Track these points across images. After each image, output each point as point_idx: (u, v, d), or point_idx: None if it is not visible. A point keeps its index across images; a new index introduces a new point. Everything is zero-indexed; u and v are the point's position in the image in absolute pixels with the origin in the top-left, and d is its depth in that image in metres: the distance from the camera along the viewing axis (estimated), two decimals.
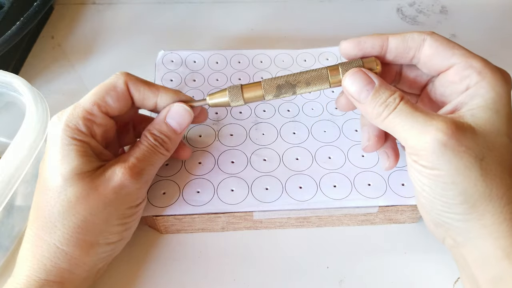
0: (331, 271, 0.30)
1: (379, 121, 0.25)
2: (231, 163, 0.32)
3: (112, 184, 0.25)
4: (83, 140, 0.25)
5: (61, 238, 0.25)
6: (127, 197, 0.26)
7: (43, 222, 0.25)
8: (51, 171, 0.25)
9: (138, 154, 0.27)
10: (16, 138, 0.28)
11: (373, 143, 0.29)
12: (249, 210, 0.30)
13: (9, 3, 0.40)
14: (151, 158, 0.27)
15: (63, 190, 0.24)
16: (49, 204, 0.25)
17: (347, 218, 0.31)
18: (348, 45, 0.27)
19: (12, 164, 0.27)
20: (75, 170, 0.25)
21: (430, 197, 0.24)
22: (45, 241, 0.25)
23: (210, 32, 0.49)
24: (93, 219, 0.25)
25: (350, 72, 0.26)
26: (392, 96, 0.24)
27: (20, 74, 0.43)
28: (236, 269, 0.30)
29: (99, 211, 0.25)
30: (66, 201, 0.24)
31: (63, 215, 0.24)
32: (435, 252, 0.31)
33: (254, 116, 0.35)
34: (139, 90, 0.27)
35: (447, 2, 0.53)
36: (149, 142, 0.27)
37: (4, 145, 0.34)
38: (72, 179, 0.24)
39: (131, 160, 0.26)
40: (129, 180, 0.25)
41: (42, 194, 0.25)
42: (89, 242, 0.25)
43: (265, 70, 0.39)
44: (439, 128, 0.22)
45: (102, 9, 0.52)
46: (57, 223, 0.24)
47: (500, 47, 0.47)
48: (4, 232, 0.30)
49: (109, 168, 0.26)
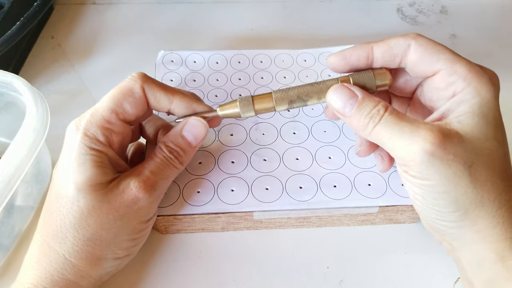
0: (331, 271, 0.30)
1: (366, 133, 0.25)
2: (231, 163, 0.32)
3: (125, 198, 0.25)
4: (100, 150, 0.25)
5: (71, 250, 0.24)
6: (139, 211, 0.26)
7: (53, 231, 0.25)
8: (65, 179, 0.25)
9: (153, 167, 0.26)
10: (16, 138, 0.28)
11: (366, 148, 0.29)
12: (249, 210, 0.30)
13: (9, 3, 0.40)
14: (165, 171, 0.27)
15: (76, 201, 0.24)
16: (61, 213, 0.24)
17: (347, 218, 0.31)
18: (334, 60, 0.27)
19: (12, 164, 0.27)
20: (90, 181, 0.24)
21: (423, 205, 0.24)
22: (54, 250, 0.24)
23: (210, 32, 0.49)
24: (103, 233, 0.25)
25: (333, 88, 0.26)
26: (376, 108, 0.24)
27: (20, 74, 0.43)
28: (236, 269, 0.30)
29: (110, 225, 0.25)
30: (79, 212, 0.24)
31: (74, 226, 0.24)
32: (435, 252, 0.31)
33: (254, 116, 0.35)
34: (155, 95, 0.27)
35: (447, 2, 0.53)
36: (164, 155, 0.27)
37: (4, 145, 0.34)
38: (86, 190, 0.24)
39: (145, 174, 0.26)
40: (142, 194, 0.25)
41: (55, 201, 0.25)
42: (97, 256, 0.25)
43: (265, 70, 0.39)
44: (426, 138, 0.22)
45: (102, 9, 0.52)
46: (68, 234, 0.24)
47: (500, 47, 0.47)
48: (4, 232, 0.30)
49: (123, 181, 0.25)
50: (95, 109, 0.26)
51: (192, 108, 0.28)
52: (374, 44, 0.26)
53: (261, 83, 0.38)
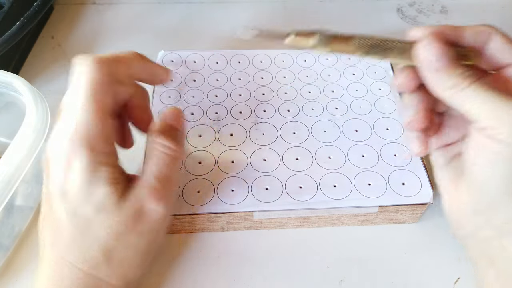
0: (331, 271, 0.30)
1: (450, 93, 0.23)
2: (231, 163, 0.32)
3: (138, 214, 0.24)
4: (110, 163, 0.24)
5: (105, 271, 0.24)
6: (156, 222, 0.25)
7: (82, 255, 0.24)
8: (81, 200, 0.23)
9: (156, 171, 0.25)
10: (16, 138, 0.28)
11: (422, 117, 0.26)
12: (249, 210, 0.30)
13: (9, 3, 0.40)
14: (170, 168, 0.26)
15: (99, 223, 0.24)
16: (85, 235, 0.24)
17: (347, 218, 0.31)
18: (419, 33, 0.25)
19: (12, 164, 0.27)
20: (107, 201, 0.24)
21: (494, 177, 0.23)
22: (88, 274, 0.24)
23: (210, 32, 0.49)
24: (128, 252, 0.25)
25: (430, 38, 0.24)
26: (471, 71, 0.23)
27: (20, 74, 0.43)
28: (236, 269, 0.30)
29: (133, 244, 0.25)
30: (105, 236, 0.24)
31: (102, 250, 0.24)
32: (435, 252, 0.31)
33: (254, 116, 0.35)
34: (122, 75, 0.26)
35: (447, 2, 0.53)
36: (161, 151, 0.26)
37: (4, 145, 0.34)
38: (104, 210, 0.24)
39: (152, 182, 0.25)
40: (155, 205, 0.25)
41: (71, 223, 0.24)
42: (126, 273, 0.25)
43: (265, 70, 0.39)
44: None
45: (102, 9, 0.52)
46: (99, 257, 0.24)
47: None
48: (4, 232, 0.30)
49: (133, 197, 0.24)
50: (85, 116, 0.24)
51: (152, 71, 0.28)
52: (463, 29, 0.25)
53: (261, 83, 0.38)
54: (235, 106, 0.36)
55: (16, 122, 0.30)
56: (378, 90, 0.37)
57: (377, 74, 0.39)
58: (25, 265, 0.30)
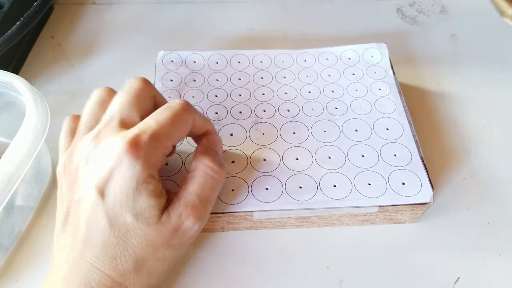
0: (331, 271, 0.30)
1: None
2: (232, 163, 0.32)
3: (176, 229, 0.25)
4: (157, 178, 0.25)
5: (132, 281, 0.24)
6: (190, 239, 0.26)
7: (113, 263, 0.24)
8: (121, 208, 0.23)
9: (198, 190, 0.26)
10: (16, 138, 0.28)
11: None
12: (249, 210, 0.30)
13: (9, 3, 0.40)
14: (210, 190, 0.26)
15: (135, 234, 0.24)
16: (119, 245, 0.24)
17: (347, 218, 0.31)
18: None
19: (12, 164, 0.27)
20: (149, 212, 0.24)
21: None
22: (117, 283, 0.24)
23: (210, 32, 0.49)
24: (158, 265, 0.25)
25: None
26: None
27: (20, 74, 0.43)
28: (236, 269, 0.30)
29: (164, 257, 0.25)
30: (138, 247, 0.24)
31: (134, 259, 0.24)
32: (435, 252, 0.31)
33: (254, 116, 0.35)
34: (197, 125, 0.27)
35: (447, 2, 0.53)
36: (206, 172, 0.26)
37: (4, 145, 0.34)
38: (144, 221, 0.24)
39: (192, 200, 0.25)
40: (192, 223, 0.25)
41: (108, 230, 0.24)
42: (153, 284, 0.26)
43: (265, 70, 0.39)
44: None
45: (102, 9, 0.52)
46: (128, 266, 0.24)
47: (500, 48, 0.47)
48: (4, 232, 0.30)
49: (172, 212, 0.25)
50: (156, 134, 0.24)
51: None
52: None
53: (261, 83, 0.38)
54: (235, 106, 0.36)
55: (16, 122, 0.30)
56: (378, 90, 0.37)
57: (377, 74, 0.39)
58: (25, 265, 0.30)
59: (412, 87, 0.42)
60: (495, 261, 0.31)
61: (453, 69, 0.44)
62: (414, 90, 0.42)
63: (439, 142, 0.38)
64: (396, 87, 0.38)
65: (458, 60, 0.45)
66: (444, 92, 0.42)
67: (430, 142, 0.37)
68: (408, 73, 0.44)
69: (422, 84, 0.43)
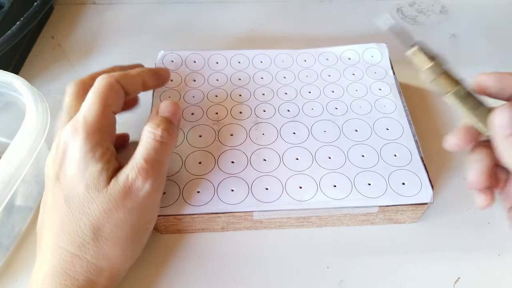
0: (331, 271, 0.30)
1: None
2: (231, 163, 0.32)
3: (127, 191, 0.26)
4: (105, 145, 0.26)
5: (92, 252, 0.25)
6: (144, 201, 0.26)
7: (71, 237, 0.25)
8: (74, 181, 0.25)
9: (144, 152, 0.27)
10: (16, 138, 0.28)
11: (486, 177, 0.27)
12: (249, 210, 0.30)
13: (9, 3, 0.40)
14: (157, 152, 0.27)
15: (87, 203, 0.25)
16: (75, 217, 0.25)
17: (347, 218, 0.31)
18: (487, 78, 0.27)
19: (12, 164, 0.27)
20: (97, 177, 0.25)
21: None
22: (75, 255, 0.25)
23: (210, 32, 0.49)
24: (117, 231, 0.26)
25: (506, 106, 0.25)
26: None
27: (20, 74, 0.43)
28: (236, 269, 0.30)
29: (122, 222, 0.26)
30: (92, 215, 0.25)
31: (90, 229, 0.25)
32: (435, 252, 0.31)
33: (254, 116, 0.35)
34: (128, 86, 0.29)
35: (447, 2, 0.53)
36: (150, 136, 0.27)
37: (4, 145, 0.34)
38: (95, 188, 0.25)
39: (139, 162, 0.26)
40: (141, 182, 0.26)
41: (65, 207, 0.25)
42: (116, 254, 0.26)
43: (265, 70, 0.39)
44: None
45: (102, 9, 0.52)
46: (86, 237, 0.25)
47: (500, 48, 0.47)
48: (4, 232, 0.30)
49: (120, 175, 0.26)
50: (87, 110, 0.26)
51: (157, 83, 0.32)
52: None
53: (261, 83, 0.38)
54: (235, 106, 0.36)
55: (16, 122, 0.30)
56: (378, 90, 0.37)
57: (377, 74, 0.39)
58: (25, 265, 0.30)
59: (412, 87, 0.42)
60: (495, 261, 0.31)
61: (453, 69, 0.44)
62: (414, 90, 0.42)
63: (439, 142, 0.37)
64: (396, 87, 0.37)
65: (458, 60, 0.45)
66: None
67: (430, 142, 0.37)
68: (408, 73, 0.43)
69: (422, 84, 0.43)
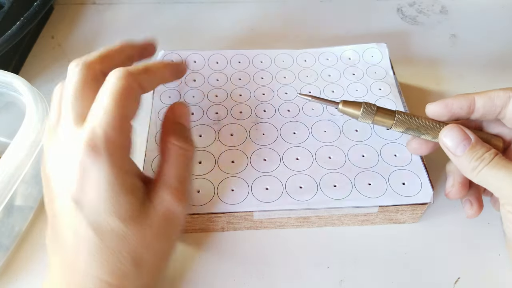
0: (331, 271, 0.30)
1: (473, 175, 0.26)
2: (231, 163, 0.32)
3: (163, 216, 0.24)
4: (130, 170, 0.24)
5: (134, 283, 0.24)
6: (177, 223, 0.25)
7: (112, 269, 0.23)
8: (104, 213, 0.22)
9: (175, 171, 0.25)
10: (16, 138, 0.28)
11: (457, 189, 0.29)
12: (249, 210, 0.30)
13: (9, 3, 0.40)
14: (186, 168, 0.26)
15: (125, 235, 0.23)
16: (114, 250, 0.23)
17: (347, 218, 0.31)
18: (435, 108, 0.28)
19: (12, 164, 0.27)
20: (131, 210, 0.23)
21: None
22: (107, 283, 0.23)
23: (210, 32, 0.49)
24: (153, 259, 0.25)
25: (449, 127, 0.27)
26: (488, 152, 0.25)
27: (20, 74, 0.43)
28: (236, 269, 0.30)
29: (157, 248, 0.25)
30: (133, 246, 0.23)
31: (132, 263, 0.23)
32: (435, 252, 0.31)
33: (254, 116, 0.35)
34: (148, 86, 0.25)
35: (447, 2, 0.53)
36: (178, 152, 0.25)
37: (4, 145, 0.34)
38: (129, 220, 0.23)
39: (173, 183, 0.25)
40: (177, 206, 0.25)
41: (91, 233, 0.22)
42: (151, 279, 0.25)
43: (265, 70, 0.39)
44: None
45: (102, 9, 0.52)
46: (129, 271, 0.23)
47: (500, 48, 0.47)
48: (4, 232, 0.30)
49: (155, 198, 0.24)
50: (108, 122, 0.22)
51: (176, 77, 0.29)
52: (476, 95, 0.28)
53: (261, 83, 0.38)
54: (235, 106, 0.36)
55: (16, 122, 0.30)
56: (378, 90, 0.37)
57: (377, 74, 0.39)
58: (25, 265, 0.30)
59: (412, 87, 0.42)
60: (495, 261, 0.31)
61: (453, 69, 0.44)
62: (414, 90, 0.42)
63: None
64: (396, 87, 0.37)
65: (458, 60, 0.45)
66: (444, 92, 0.42)
67: None
68: (408, 73, 0.44)
69: (422, 84, 0.43)
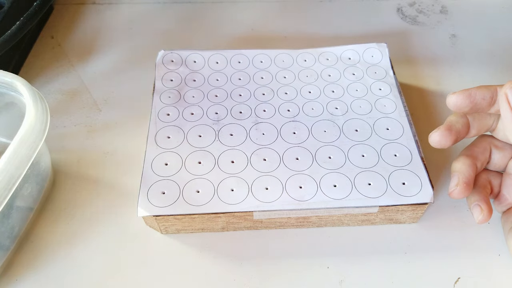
0: (331, 271, 0.30)
1: None
2: (231, 163, 0.32)
3: None
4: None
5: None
6: None
7: None
8: None
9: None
10: (16, 138, 0.28)
11: (461, 189, 0.29)
12: (249, 210, 0.30)
13: (9, 3, 0.40)
14: None
15: None
16: None
17: (347, 218, 0.31)
18: (458, 98, 0.28)
19: (12, 164, 0.27)
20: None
21: None
22: None
23: (210, 32, 0.49)
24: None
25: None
26: None
27: (20, 74, 0.43)
28: (236, 269, 0.30)
29: None
30: None
31: None
32: (435, 252, 0.31)
33: (254, 116, 0.35)
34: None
35: (447, 2, 0.53)
36: None
37: (4, 145, 0.34)
38: None
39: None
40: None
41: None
42: None
43: (265, 70, 0.39)
44: None
45: (102, 9, 0.52)
46: None
47: (500, 47, 0.47)
48: (4, 232, 0.30)
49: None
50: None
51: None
52: (498, 86, 0.27)
53: (261, 83, 0.38)
54: (235, 106, 0.36)
55: (16, 122, 0.30)
56: (378, 90, 0.37)
57: (377, 74, 0.39)
58: (25, 265, 0.30)
59: (412, 87, 0.42)
60: (495, 261, 0.31)
61: (453, 69, 0.44)
62: (414, 90, 0.42)
63: None
64: (396, 87, 0.38)
65: (458, 60, 0.45)
66: (444, 92, 0.42)
67: None
68: (408, 73, 0.44)
69: (422, 84, 0.43)
